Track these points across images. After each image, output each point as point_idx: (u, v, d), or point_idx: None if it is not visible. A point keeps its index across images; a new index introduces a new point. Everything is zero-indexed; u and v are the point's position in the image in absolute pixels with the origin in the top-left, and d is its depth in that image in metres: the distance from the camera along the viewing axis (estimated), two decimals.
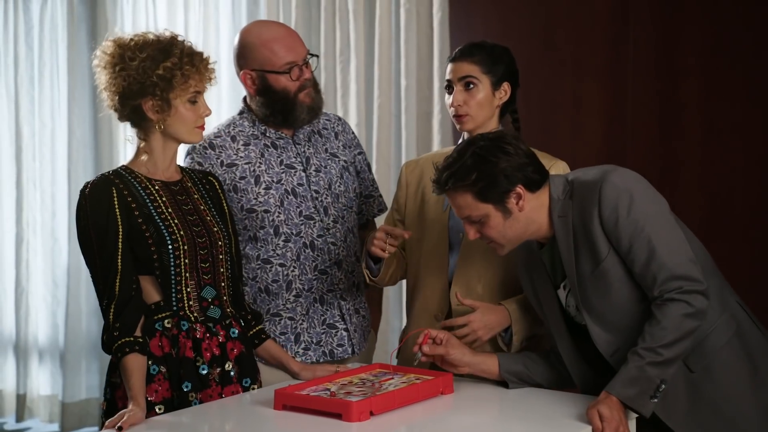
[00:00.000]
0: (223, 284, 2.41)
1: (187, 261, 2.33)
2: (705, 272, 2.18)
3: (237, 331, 2.42)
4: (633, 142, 3.88)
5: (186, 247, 2.32)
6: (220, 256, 2.40)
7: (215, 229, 2.40)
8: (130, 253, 2.27)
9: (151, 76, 2.27)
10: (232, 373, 2.38)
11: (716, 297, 2.22)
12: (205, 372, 2.33)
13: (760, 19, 3.66)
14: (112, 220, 2.26)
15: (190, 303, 2.34)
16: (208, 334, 2.35)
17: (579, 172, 2.30)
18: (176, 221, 2.34)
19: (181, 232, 2.33)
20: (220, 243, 2.40)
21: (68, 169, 5.27)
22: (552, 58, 4.02)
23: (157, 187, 2.36)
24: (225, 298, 2.42)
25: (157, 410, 2.24)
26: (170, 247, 2.30)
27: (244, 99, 2.82)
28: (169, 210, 2.35)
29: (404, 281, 2.84)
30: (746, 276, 3.63)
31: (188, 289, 2.34)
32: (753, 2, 3.67)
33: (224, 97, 4.73)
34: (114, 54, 2.31)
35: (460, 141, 2.68)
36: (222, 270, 2.41)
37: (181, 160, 2.60)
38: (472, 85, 2.60)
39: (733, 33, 3.71)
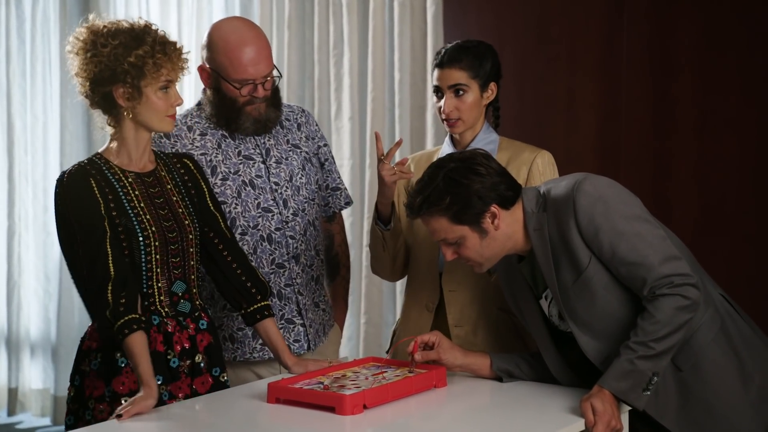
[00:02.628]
0: (192, 277, 2.40)
1: (158, 257, 2.32)
2: None
3: (206, 323, 2.43)
4: (627, 137, 3.88)
5: (157, 243, 2.31)
6: (191, 249, 2.39)
7: (186, 222, 2.39)
8: (114, 238, 2.25)
9: (123, 63, 2.26)
10: (201, 365, 2.38)
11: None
12: (175, 365, 2.33)
13: (753, 14, 3.66)
14: (95, 209, 2.24)
15: (161, 298, 2.34)
16: (178, 328, 2.35)
17: (551, 183, 2.29)
18: (148, 216, 2.32)
19: (153, 228, 2.31)
20: (190, 236, 2.39)
21: (61, 163, 5.24)
22: (546, 52, 4.01)
23: (130, 180, 2.34)
24: (194, 290, 2.41)
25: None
26: (142, 243, 2.29)
27: (204, 91, 2.77)
28: (142, 204, 2.33)
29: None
30: (741, 269, 3.64)
31: (159, 285, 2.33)
32: None
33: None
34: (87, 40, 2.30)
35: (447, 138, 2.73)
36: (192, 263, 2.40)
37: None
38: (461, 92, 2.62)
39: (727, 28, 3.71)
